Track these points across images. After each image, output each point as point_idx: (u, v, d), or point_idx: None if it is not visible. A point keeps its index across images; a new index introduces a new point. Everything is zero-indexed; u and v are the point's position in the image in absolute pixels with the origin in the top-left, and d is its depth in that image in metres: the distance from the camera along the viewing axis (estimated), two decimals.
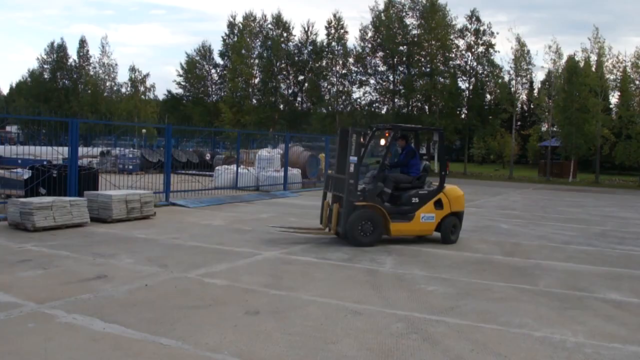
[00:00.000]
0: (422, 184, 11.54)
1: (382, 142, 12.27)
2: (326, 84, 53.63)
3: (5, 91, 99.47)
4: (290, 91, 57.18)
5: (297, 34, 57.25)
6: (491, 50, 48.26)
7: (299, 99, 57.50)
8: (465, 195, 12.26)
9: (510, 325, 6.24)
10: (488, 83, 49.51)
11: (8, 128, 56.99)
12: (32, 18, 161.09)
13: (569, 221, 16.86)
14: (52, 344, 5.09)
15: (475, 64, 49.32)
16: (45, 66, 66.74)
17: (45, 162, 15.83)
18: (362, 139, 10.82)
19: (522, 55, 45.58)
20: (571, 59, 43.24)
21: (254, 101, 54.98)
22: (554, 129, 45.14)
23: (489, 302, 7.16)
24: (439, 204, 11.41)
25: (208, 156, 33.25)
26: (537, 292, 7.85)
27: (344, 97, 52.30)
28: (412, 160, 11.70)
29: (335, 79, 52.85)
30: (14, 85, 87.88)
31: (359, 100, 52.66)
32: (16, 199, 11.52)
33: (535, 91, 60.44)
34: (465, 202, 12.17)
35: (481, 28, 48.64)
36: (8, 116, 31.30)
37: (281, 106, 55.79)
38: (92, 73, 59.35)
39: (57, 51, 66.33)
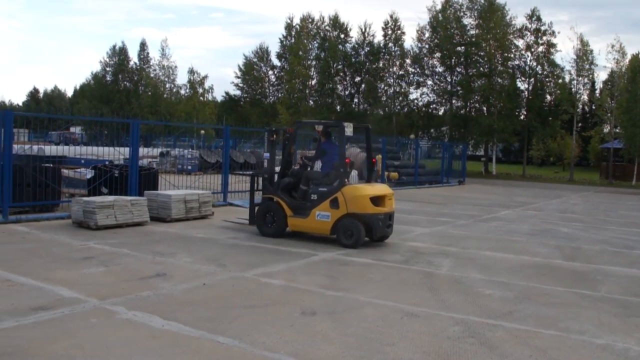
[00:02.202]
0: (330, 181, 10.85)
1: (281, 138, 12.48)
2: (383, 85, 53.50)
3: (70, 93, 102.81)
4: (347, 92, 57.20)
5: (354, 35, 57.13)
6: (552, 50, 47.26)
7: (355, 100, 57.46)
8: (523, 198, 12.01)
9: (570, 331, 6.09)
10: (548, 83, 48.47)
11: (72, 129, 58.68)
12: (96, 22, 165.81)
13: (632, 225, 16.39)
14: (113, 339, 5.22)
15: (534, 64, 48.36)
16: (108, 69, 68.50)
17: (107, 162, 16.23)
18: (273, 137, 12.14)
19: (584, 55, 44.52)
20: (635, 58, 41.99)
21: (311, 102, 55.24)
22: (617, 130, 43.93)
23: (548, 307, 7.01)
24: (334, 203, 10.61)
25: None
26: (599, 298, 7.65)
27: (400, 99, 52.06)
28: (324, 157, 11.62)
29: (392, 80, 52.68)
30: (77, 87, 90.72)
31: (416, 101, 52.35)
32: (80, 198, 11.82)
33: (597, 92, 58.95)
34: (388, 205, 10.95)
35: (541, 27, 47.70)
36: (72, 117, 32.18)
37: (338, 107, 55.85)
38: (152, 75, 60.63)
39: (119, 54, 68.00)
